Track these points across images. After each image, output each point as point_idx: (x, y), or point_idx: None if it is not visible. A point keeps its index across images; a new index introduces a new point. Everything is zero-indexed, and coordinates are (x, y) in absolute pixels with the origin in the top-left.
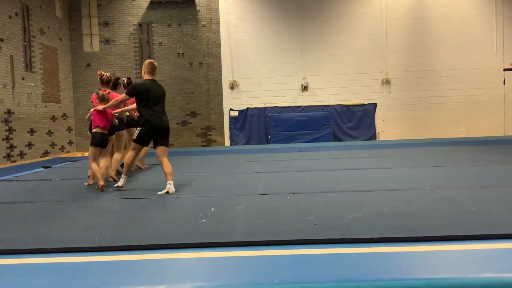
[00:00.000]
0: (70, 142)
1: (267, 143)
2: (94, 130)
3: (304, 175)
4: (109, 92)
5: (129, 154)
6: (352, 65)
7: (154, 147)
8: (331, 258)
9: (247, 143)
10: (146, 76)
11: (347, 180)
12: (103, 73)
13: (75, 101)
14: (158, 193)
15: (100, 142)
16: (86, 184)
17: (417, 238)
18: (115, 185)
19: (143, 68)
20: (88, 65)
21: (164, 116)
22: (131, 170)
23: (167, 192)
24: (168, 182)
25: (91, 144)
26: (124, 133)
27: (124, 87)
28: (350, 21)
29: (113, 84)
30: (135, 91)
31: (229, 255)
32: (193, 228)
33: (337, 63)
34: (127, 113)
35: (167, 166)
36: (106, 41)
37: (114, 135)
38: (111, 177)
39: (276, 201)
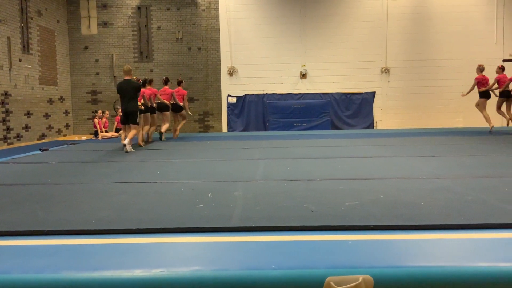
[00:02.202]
0: (67, 125)
1: (265, 130)
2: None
3: (301, 163)
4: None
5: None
6: (351, 53)
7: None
8: (328, 244)
9: (244, 129)
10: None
11: (345, 168)
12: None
13: (72, 84)
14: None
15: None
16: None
17: (413, 226)
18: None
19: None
20: (86, 48)
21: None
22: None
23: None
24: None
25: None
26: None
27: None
28: (351, 9)
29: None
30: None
31: (226, 240)
32: (190, 213)
33: (336, 51)
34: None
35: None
36: (104, 24)
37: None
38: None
39: (274, 188)
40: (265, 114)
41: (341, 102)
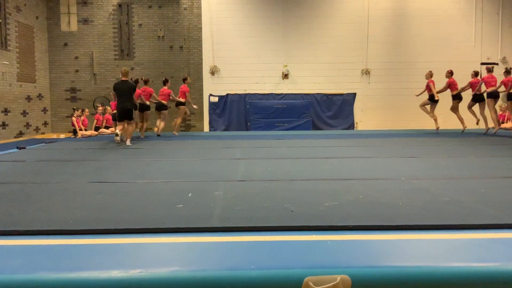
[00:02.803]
0: (45, 123)
1: (247, 129)
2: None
3: (282, 163)
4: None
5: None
6: (332, 55)
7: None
8: (307, 244)
9: (226, 129)
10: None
11: (325, 168)
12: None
13: (51, 81)
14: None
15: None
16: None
17: (391, 226)
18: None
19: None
20: (65, 44)
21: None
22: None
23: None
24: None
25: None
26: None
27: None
28: (332, 10)
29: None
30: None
31: (205, 240)
32: (170, 213)
33: (318, 52)
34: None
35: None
36: (84, 21)
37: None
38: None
39: (254, 188)
40: (247, 114)
41: (322, 102)
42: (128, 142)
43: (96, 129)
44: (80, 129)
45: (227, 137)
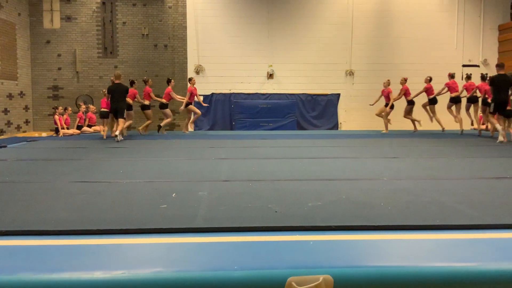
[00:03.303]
0: (26, 121)
1: (231, 129)
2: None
3: (267, 163)
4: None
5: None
6: (317, 55)
7: None
8: (290, 245)
9: (211, 128)
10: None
11: (309, 168)
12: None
13: (33, 79)
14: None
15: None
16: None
17: (373, 226)
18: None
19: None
20: (48, 42)
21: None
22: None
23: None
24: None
25: None
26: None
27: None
28: (317, 11)
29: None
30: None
31: (189, 241)
32: (153, 213)
33: (303, 52)
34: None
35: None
36: (67, 18)
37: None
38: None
39: (238, 188)
40: (232, 113)
41: (307, 103)
42: (117, 136)
43: (79, 127)
44: (63, 128)
45: (212, 136)
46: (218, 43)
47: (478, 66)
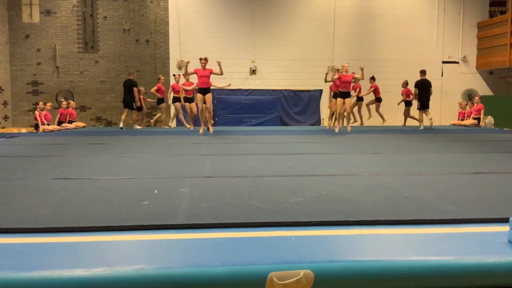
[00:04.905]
0: (5, 117)
1: (214, 125)
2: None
3: (249, 159)
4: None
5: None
6: (299, 51)
7: None
8: (272, 240)
9: (193, 124)
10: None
11: (291, 164)
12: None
13: (12, 74)
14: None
15: None
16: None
17: (353, 222)
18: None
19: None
20: (27, 36)
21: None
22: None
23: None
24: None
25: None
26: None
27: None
28: (299, 7)
29: None
30: None
31: (170, 238)
32: (134, 210)
33: (285, 48)
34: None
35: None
36: (47, 12)
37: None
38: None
39: (221, 184)
40: (214, 109)
41: (290, 99)
42: (136, 126)
43: (59, 123)
44: (43, 124)
45: (194, 132)
46: (200, 38)
47: (457, 62)
